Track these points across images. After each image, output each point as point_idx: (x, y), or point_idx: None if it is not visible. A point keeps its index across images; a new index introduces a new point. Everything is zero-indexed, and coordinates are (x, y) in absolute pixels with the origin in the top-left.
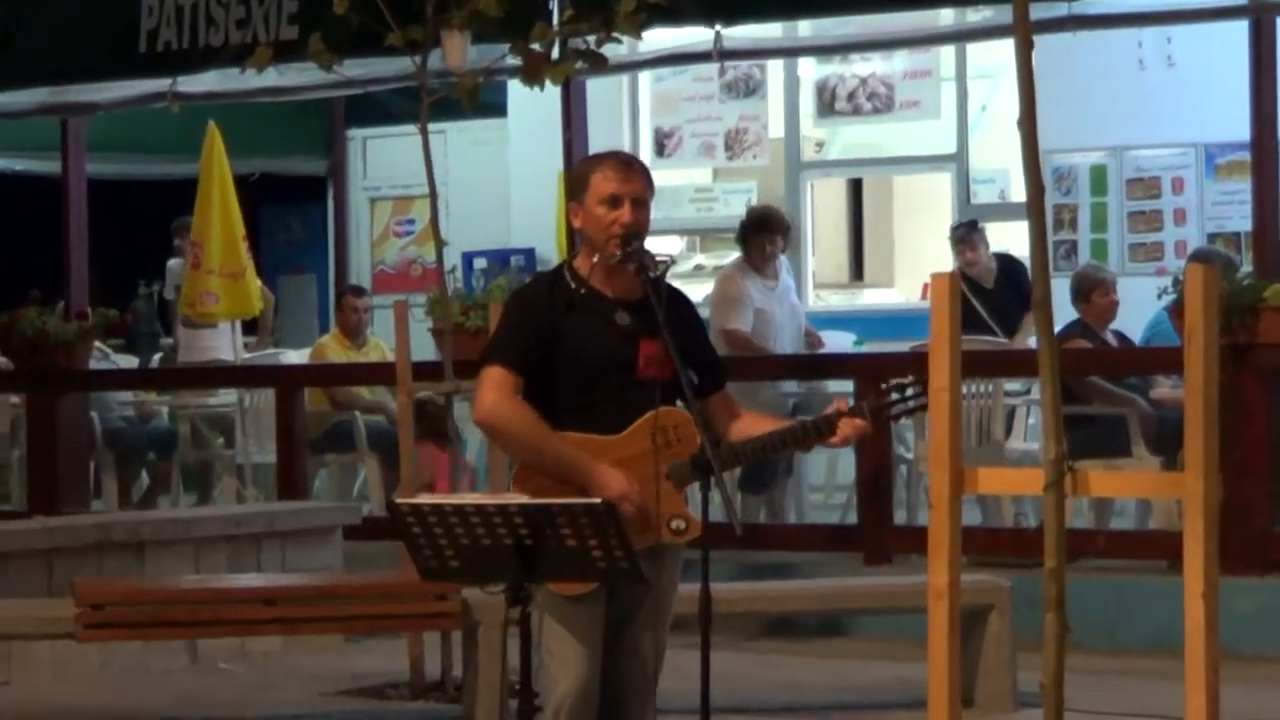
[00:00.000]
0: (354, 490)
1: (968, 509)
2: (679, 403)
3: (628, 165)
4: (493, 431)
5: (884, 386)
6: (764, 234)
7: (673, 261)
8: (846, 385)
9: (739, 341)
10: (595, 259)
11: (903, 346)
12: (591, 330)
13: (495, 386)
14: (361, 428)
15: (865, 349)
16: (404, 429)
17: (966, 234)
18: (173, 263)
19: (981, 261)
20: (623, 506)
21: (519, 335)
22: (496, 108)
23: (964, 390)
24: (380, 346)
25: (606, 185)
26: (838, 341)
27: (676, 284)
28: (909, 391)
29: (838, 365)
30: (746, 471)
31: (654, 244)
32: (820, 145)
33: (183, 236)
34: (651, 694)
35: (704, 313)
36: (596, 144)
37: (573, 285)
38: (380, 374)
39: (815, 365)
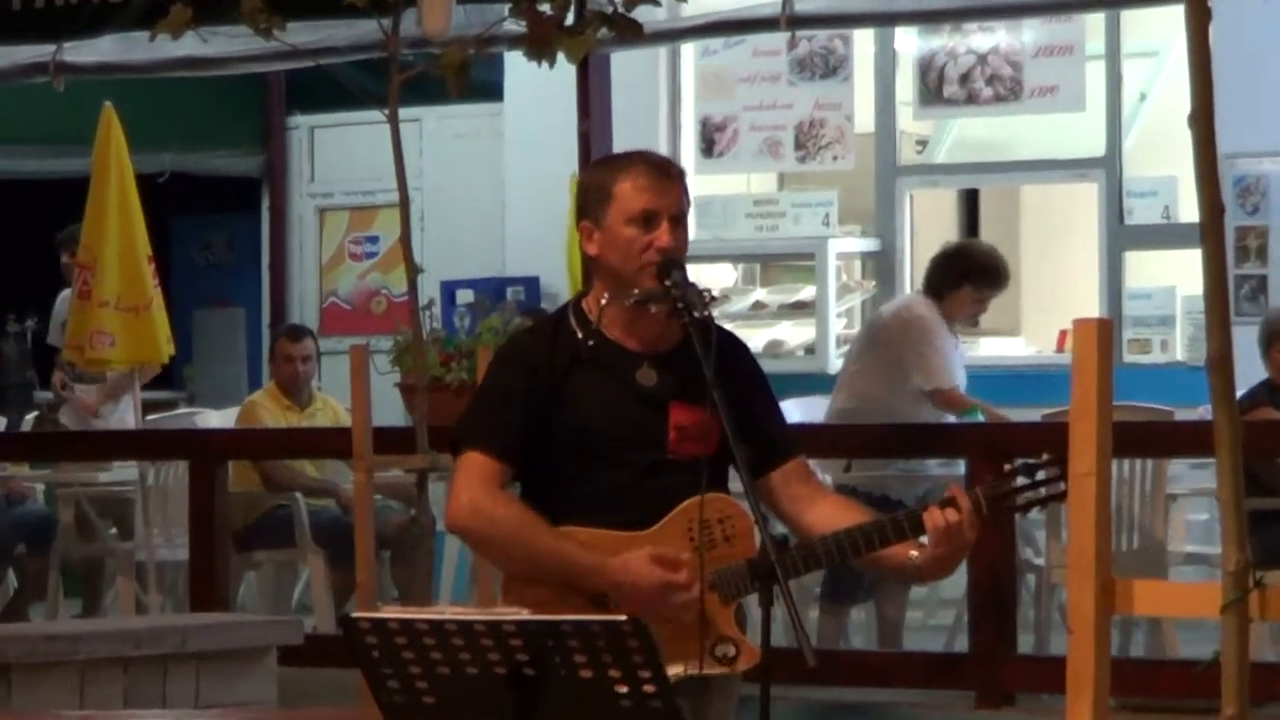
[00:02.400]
0: (293, 599)
1: (1117, 634)
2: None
3: (662, 170)
4: (474, 539)
5: (1008, 468)
6: (984, 282)
7: (713, 298)
8: (955, 468)
9: (958, 400)
10: (605, 298)
11: (1032, 414)
12: (606, 395)
13: (474, 480)
14: (304, 515)
15: (980, 418)
16: (362, 517)
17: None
18: (64, 294)
19: None
20: (667, 604)
21: (506, 406)
22: (490, 90)
23: (1114, 473)
24: (331, 407)
25: (637, 198)
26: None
27: (730, 329)
28: (1040, 474)
29: (941, 439)
30: (829, 579)
31: (695, 274)
32: (923, 144)
33: (71, 254)
34: None
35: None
36: (624, 140)
37: (580, 334)
38: (330, 444)
39: (910, 439)
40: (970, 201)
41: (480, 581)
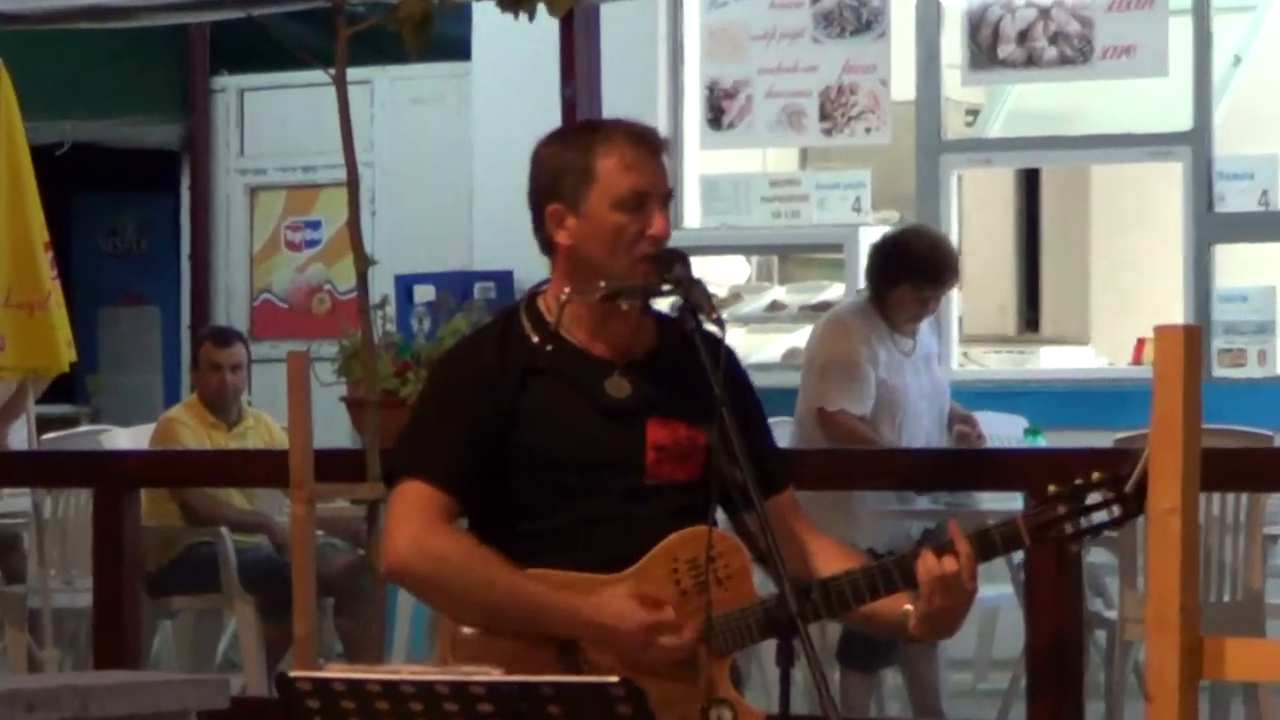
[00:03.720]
0: (217, 654)
1: (1205, 702)
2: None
3: (647, 143)
4: (416, 584)
5: (1053, 490)
6: (924, 280)
7: (725, 298)
8: (1011, 501)
9: (848, 431)
10: (566, 294)
11: (1103, 439)
12: (569, 410)
13: (413, 515)
14: (231, 554)
15: (1042, 442)
16: (301, 557)
17: None
18: None
19: None
20: (652, 649)
21: (448, 428)
22: (455, 47)
23: (1203, 510)
24: (264, 425)
25: (625, 177)
26: (999, 429)
27: (742, 336)
28: (1093, 497)
29: (998, 467)
30: (848, 641)
31: (706, 269)
32: (973, 115)
33: None
34: None
35: (772, 375)
36: (615, 108)
37: (535, 338)
38: (263, 469)
39: (963, 467)
40: (1029, 184)
41: (442, 635)
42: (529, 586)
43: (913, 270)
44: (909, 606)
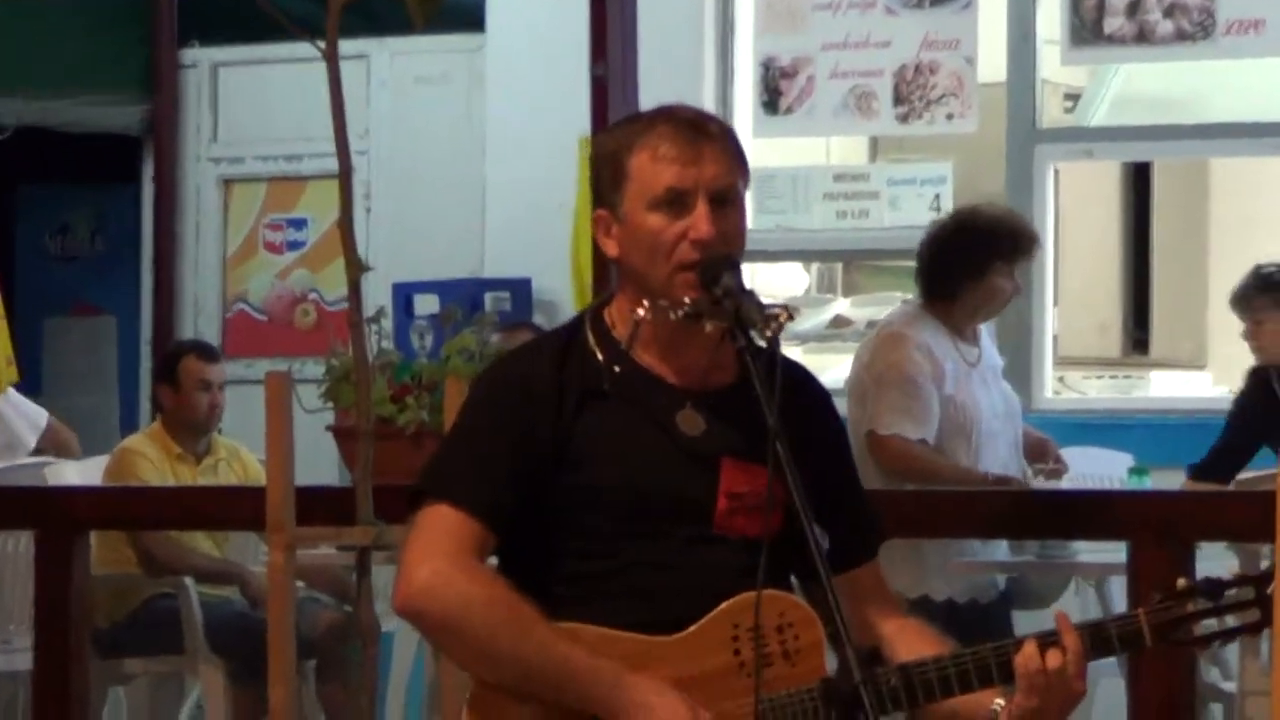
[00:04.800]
0: None
1: None
2: (794, 583)
3: (696, 130)
4: (434, 627)
5: (1182, 584)
6: (1016, 252)
7: (791, 316)
8: (1112, 552)
9: (907, 459)
10: (643, 312)
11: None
12: (635, 444)
13: (439, 544)
14: (196, 609)
15: (1149, 484)
16: (278, 613)
17: (1243, 291)
18: None
19: (1275, 337)
20: None
21: (493, 451)
22: (467, 17)
23: None
24: (239, 458)
25: (660, 172)
26: (1098, 467)
27: (798, 356)
28: (1226, 596)
29: (1093, 513)
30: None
31: (758, 278)
32: (1074, 100)
33: None
34: None
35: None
36: (655, 91)
37: (600, 356)
38: (236, 509)
39: (1047, 512)
40: (1139, 179)
41: (446, 706)
42: (566, 649)
43: (1000, 244)
44: (1000, 702)
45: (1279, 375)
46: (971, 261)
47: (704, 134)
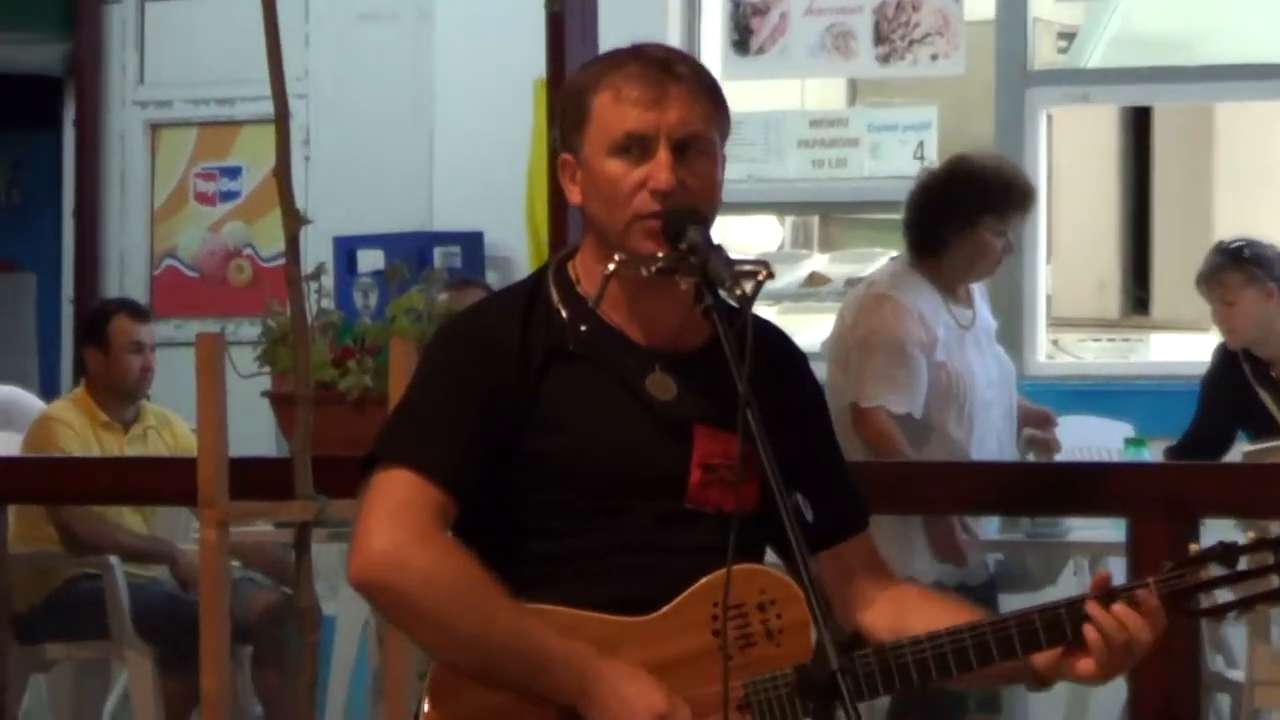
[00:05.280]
0: (103, 716)
1: None
2: (774, 558)
3: (663, 70)
4: (391, 603)
5: (1195, 550)
6: (1007, 206)
7: (768, 275)
8: (1109, 531)
9: (879, 436)
10: (613, 266)
11: (1231, 452)
12: (603, 409)
13: (399, 513)
14: (123, 590)
15: (1147, 455)
16: (211, 595)
17: (1213, 270)
18: None
19: (1249, 317)
20: None
21: (454, 414)
22: None
23: None
24: (169, 426)
25: (621, 114)
26: (1095, 438)
27: (771, 317)
28: (1242, 563)
29: (1090, 487)
30: (903, 704)
31: (727, 232)
32: (1068, 39)
33: None
34: None
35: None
36: (615, 28)
37: (565, 314)
38: (165, 481)
39: (1040, 485)
40: (1139, 125)
41: (390, 694)
42: (535, 631)
43: (991, 194)
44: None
45: (1247, 355)
46: (959, 213)
47: (671, 75)
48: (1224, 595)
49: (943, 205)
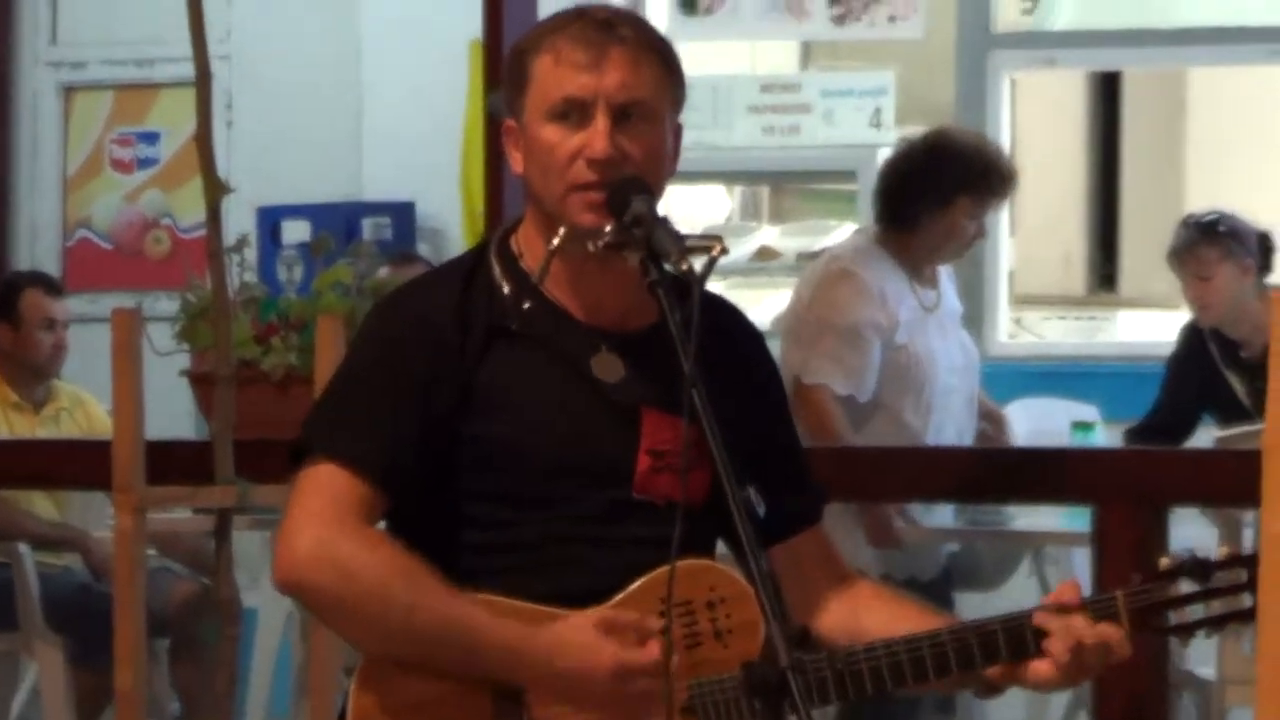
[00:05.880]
0: (11, 713)
1: None
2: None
3: (606, 30)
4: (317, 599)
5: (1166, 564)
6: (985, 187)
7: (721, 250)
8: (1056, 519)
9: (818, 416)
10: (557, 241)
11: (1200, 437)
12: (544, 393)
13: (325, 507)
14: (32, 580)
15: (1097, 439)
16: (125, 585)
17: (1188, 245)
18: None
19: (1225, 294)
20: (624, 696)
21: (386, 400)
22: None
23: None
24: (83, 406)
25: (560, 78)
26: (1057, 421)
27: (722, 293)
28: (1215, 579)
29: (1047, 474)
30: (859, 707)
31: (676, 205)
32: (1032, 1)
33: None
34: None
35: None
36: None
37: (507, 289)
38: (78, 465)
39: (1001, 471)
40: (1107, 91)
41: (314, 689)
42: (465, 611)
43: (970, 174)
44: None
45: (1215, 335)
46: (935, 190)
47: (613, 37)
48: (1194, 610)
49: (918, 180)
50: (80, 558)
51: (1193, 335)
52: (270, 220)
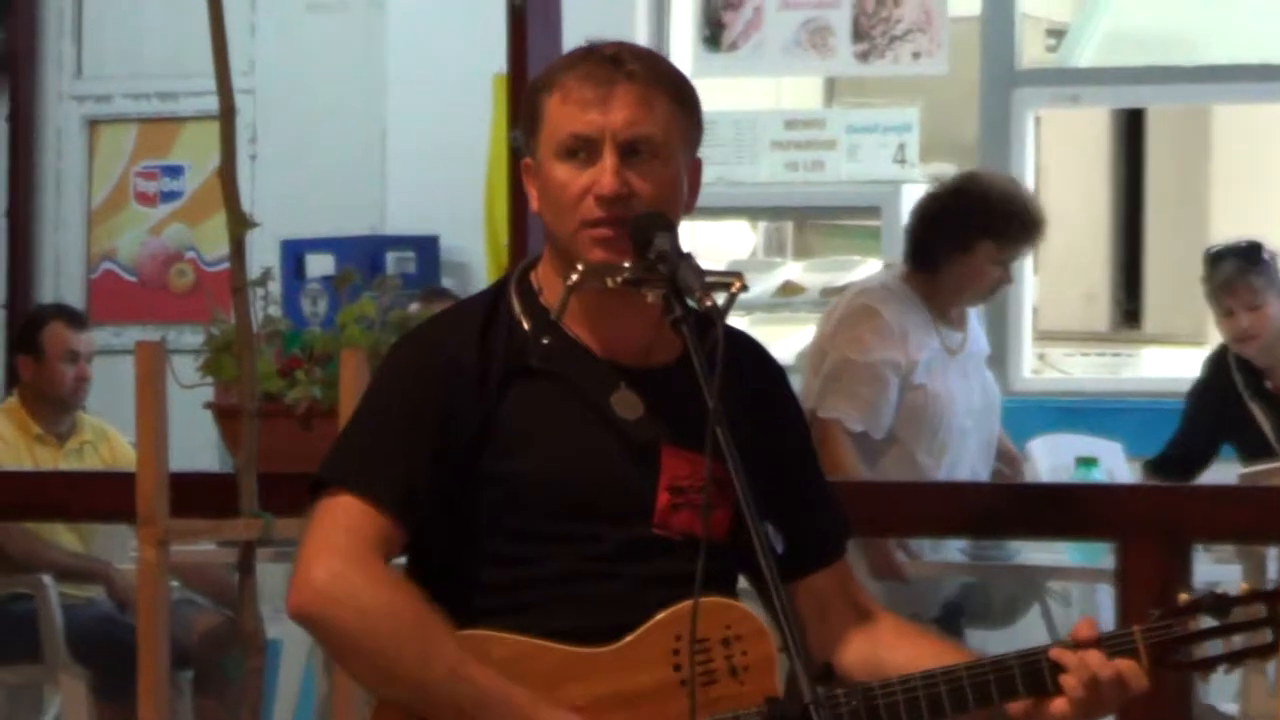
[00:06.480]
0: None
1: None
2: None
3: (613, 67)
4: (328, 633)
5: (1185, 599)
6: (1011, 233)
7: (741, 286)
8: (1062, 555)
9: (837, 452)
10: (576, 277)
11: (1224, 474)
12: (564, 430)
13: (341, 541)
14: (56, 611)
15: (1098, 475)
16: (149, 617)
17: (1238, 275)
18: None
19: (1275, 323)
20: None
21: (402, 436)
22: None
23: None
24: (107, 440)
25: (567, 116)
26: (1077, 457)
27: (742, 328)
28: (1234, 614)
29: (1069, 510)
30: None
31: (700, 240)
32: (1057, 37)
33: None
34: None
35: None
36: (580, 21)
37: (527, 325)
38: (103, 497)
39: (1017, 509)
40: (1131, 128)
41: (337, 712)
42: (475, 675)
43: (994, 220)
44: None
45: (1241, 364)
46: (958, 233)
47: (621, 73)
48: (1214, 645)
49: (943, 223)
50: (104, 589)
51: (1219, 364)
52: (294, 254)
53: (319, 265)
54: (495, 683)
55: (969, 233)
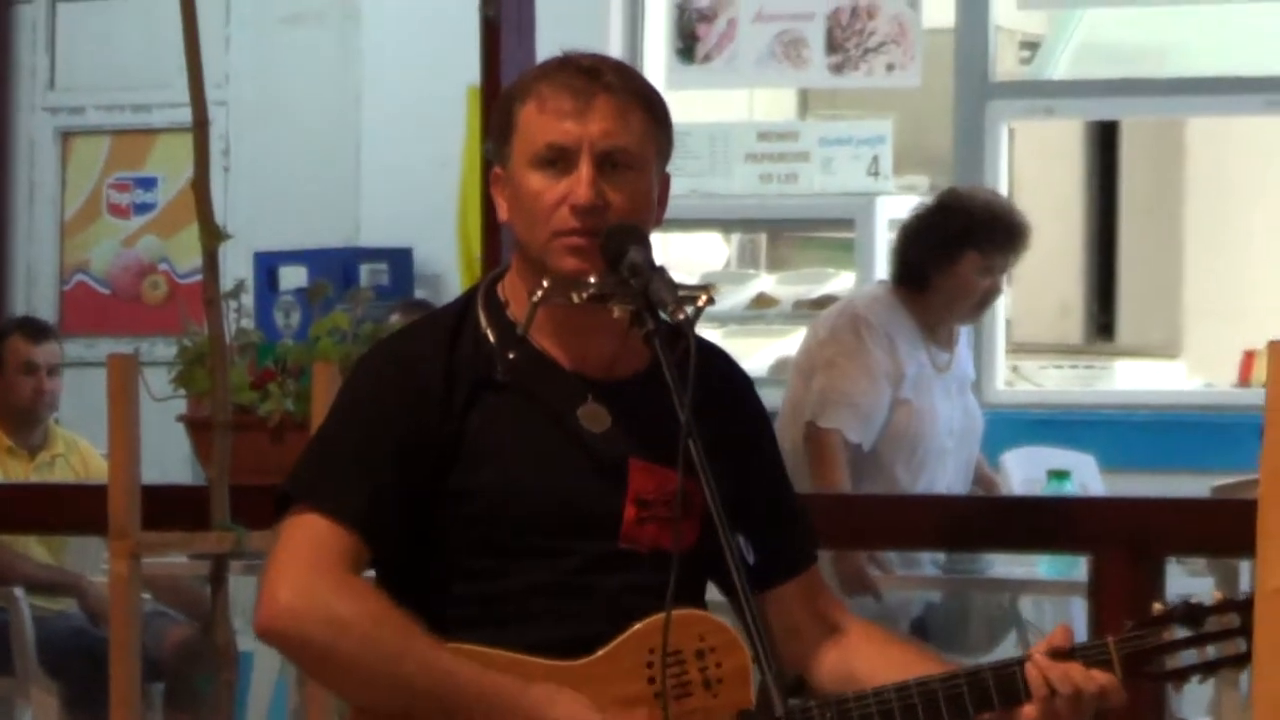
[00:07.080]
0: None
1: None
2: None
3: (590, 78)
4: (301, 650)
5: (1158, 609)
6: (995, 242)
7: (711, 299)
8: (1033, 568)
9: (829, 464)
10: (541, 292)
11: (1198, 485)
12: (530, 444)
13: (309, 557)
14: (27, 624)
15: (1070, 488)
16: (122, 629)
17: None
18: None
19: None
20: None
21: (371, 453)
22: None
23: None
24: (78, 452)
25: (543, 126)
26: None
27: (716, 339)
28: (1208, 624)
29: (1043, 523)
30: None
31: (673, 252)
32: (1031, 49)
33: None
34: None
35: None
36: (554, 34)
37: (493, 338)
38: (74, 510)
39: (990, 522)
40: (1104, 140)
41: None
42: (451, 665)
43: (977, 229)
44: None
45: None
46: (941, 247)
47: (599, 84)
48: (1187, 656)
49: (926, 237)
50: (76, 602)
51: None
52: (267, 266)
53: (292, 277)
54: (471, 671)
55: (954, 244)
